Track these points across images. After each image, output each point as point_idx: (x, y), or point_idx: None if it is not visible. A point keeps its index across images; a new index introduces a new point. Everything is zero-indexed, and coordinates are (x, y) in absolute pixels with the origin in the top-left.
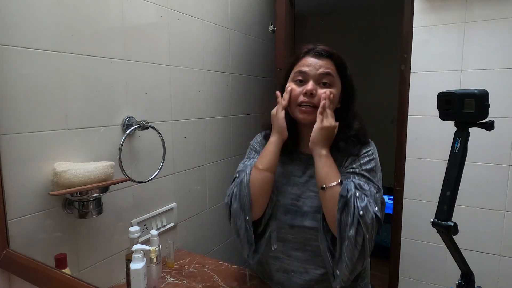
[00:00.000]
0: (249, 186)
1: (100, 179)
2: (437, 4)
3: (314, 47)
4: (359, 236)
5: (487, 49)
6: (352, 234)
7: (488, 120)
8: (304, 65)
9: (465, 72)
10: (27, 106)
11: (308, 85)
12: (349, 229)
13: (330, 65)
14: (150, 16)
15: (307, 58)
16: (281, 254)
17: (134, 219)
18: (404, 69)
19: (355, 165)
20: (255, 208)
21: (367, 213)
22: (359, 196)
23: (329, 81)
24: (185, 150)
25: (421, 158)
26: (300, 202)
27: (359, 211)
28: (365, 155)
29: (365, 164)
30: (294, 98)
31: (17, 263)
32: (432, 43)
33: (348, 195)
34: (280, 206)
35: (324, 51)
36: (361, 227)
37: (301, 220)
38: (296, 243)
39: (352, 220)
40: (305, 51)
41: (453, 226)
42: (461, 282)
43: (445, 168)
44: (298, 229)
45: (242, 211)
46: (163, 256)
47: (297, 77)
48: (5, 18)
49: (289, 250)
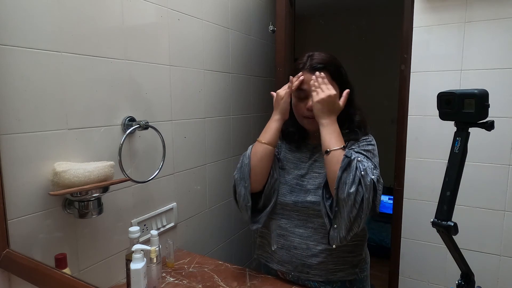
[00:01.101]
0: (250, 156)
1: (100, 179)
2: (437, 4)
3: (308, 61)
4: (358, 195)
5: (487, 49)
6: (353, 191)
7: (488, 120)
8: (302, 83)
9: (465, 72)
10: (27, 106)
11: (309, 102)
12: (350, 186)
13: (325, 77)
14: (150, 16)
15: (304, 73)
16: (285, 232)
17: (134, 219)
18: (404, 69)
19: (354, 146)
20: (254, 177)
21: (367, 175)
22: (361, 160)
23: None
24: (185, 150)
25: (421, 158)
26: (304, 181)
27: (361, 171)
28: (364, 140)
29: (364, 146)
30: (298, 112)
31: (17, 263)
32: (432, 43)
33: (352, 157)
34: (286, 185)
35: (318, 63)
36: (361, 186)
37: (304, 196)
38: (299, 220)
39: (353, 179)
40: (301, 66)
41: (453, 226)
42: (461, 282)
43: (445, 168)
44: (301, 205)
45: (242, 179)
46: (163, 256)
47: (297, 93)
48: (5, 18)
49: (292, 227)
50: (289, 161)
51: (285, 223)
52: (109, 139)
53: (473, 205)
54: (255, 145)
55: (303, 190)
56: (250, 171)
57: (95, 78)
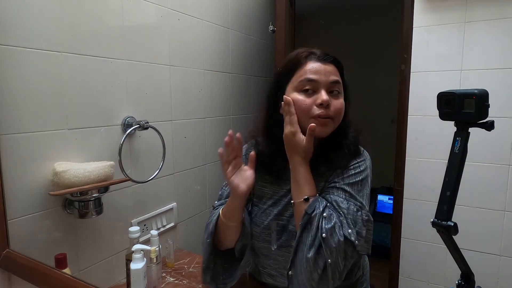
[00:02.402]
0: (212, 234)
1: (100, 179)
2: (437, 4)
3: (316, 51)
4: (320, 260)
5: (487, 49)
6: (311, 255)
7: (488, 120)
8: (310, 72)
9: (465, 72)
10: (27, 106)
11: (323, 95)
12: (308, 250)
13: (336, 72)
14: (150, 16)
15: (311, 63)
16: (274, 272)
17: (134, 219)
18: (404, 69)
19: (337, 178)
20: (220, 246)
21: (332, 236)
22: (326, 216)
23: (339, 90)
24: (185, 150)
25: (421, 158)
26: (283, 220)
27: (322, 233)
28: (351, 167)
29: (349, 177)
30: (306, 111)
31: (17, 263)
32: (432, 43)
33: (313, 214)
34: (265, 230)
35: (328, 55)
36: (322, 250)
37: (287, 240)
38: (287, 262)
39: (313, 241)
40: (305, 55)
41: (453, 226)
42: (461, 282)
43: (445, 168)
44: (285, 249)
45: (204, 251)
46: (163, 256)
47: (305, 86)
48: (5, 18)
49: (281, 269)
50: (266, 196)
51: (273, 263)
52: (109, 139)
53: (473, 205)
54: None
55: (285, 232)
56: (212, 249)
57: (95, 78)
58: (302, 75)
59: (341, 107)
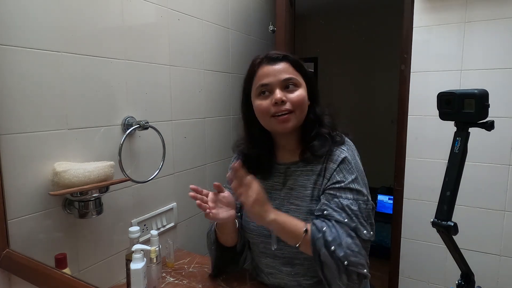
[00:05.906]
0: (215, 242)
1: (100, 179)
2: (437, 4)
3: (265, 55)
4: (351, 281)
5: (487, 49)
6: (344, 281)
7: (488, 120)
8: (262, 77)
9: (465, 72)
10: (27, 106)
11: (276, 94)
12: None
13: (288, 67)
14: (150, 16)
15: (261, 69)
16: (272, 270)
17: (134, 219)
18: (404, 69)
19: (338, 177)
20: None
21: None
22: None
23: (294, 83)
24: (185, 150)
25: (421, 158)
26: None
27: (344, 261)
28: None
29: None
30: (265, 112)
31: (17, 263)
32: (432, 43)
33: (321, 252)
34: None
35: (277, 54)
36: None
37: None
38: (285, 258)
39: (338, 272)
40: (258, 62)
41: (453, 226)
42: (461, 282)
43: (445, 168)
44: (283, 245)
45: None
46: (163, 256)
47: (260, 91)
48: (5, 18)
49: (279, 265)
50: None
51: (271, 261)
52: (109, 139)
53: (473, 205)
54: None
55: None
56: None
57: (95, 78)
58: (257, 82)
59: (299, 99)
